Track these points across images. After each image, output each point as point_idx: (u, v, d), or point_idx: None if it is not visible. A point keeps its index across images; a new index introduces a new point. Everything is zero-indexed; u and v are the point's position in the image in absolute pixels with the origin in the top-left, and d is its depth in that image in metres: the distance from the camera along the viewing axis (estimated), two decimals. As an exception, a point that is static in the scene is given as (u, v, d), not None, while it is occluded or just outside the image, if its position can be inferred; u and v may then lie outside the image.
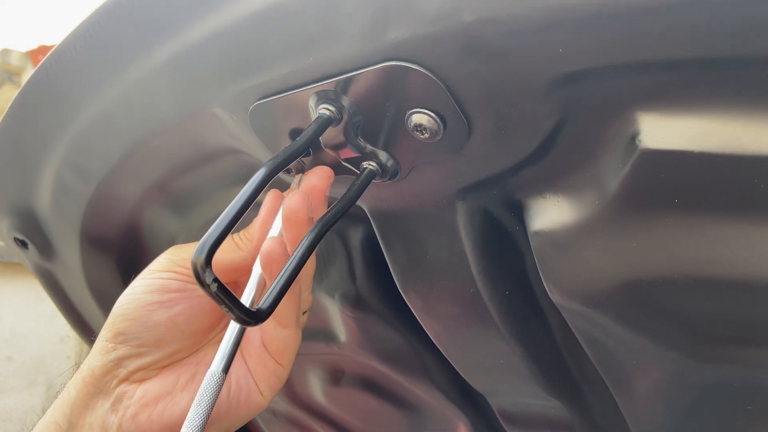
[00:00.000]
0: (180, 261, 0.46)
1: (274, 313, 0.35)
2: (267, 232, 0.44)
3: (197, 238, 0.64)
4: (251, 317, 0.32)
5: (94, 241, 0.67)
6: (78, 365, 0.48)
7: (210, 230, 0.31)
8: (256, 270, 0.43)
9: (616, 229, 0.38)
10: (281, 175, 0.49)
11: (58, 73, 0.50)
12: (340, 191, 0.47)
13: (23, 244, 0.73)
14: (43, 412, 0.47)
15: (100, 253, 0.69)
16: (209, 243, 0.31)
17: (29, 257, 0.75)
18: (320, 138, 0.40)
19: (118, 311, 0.45)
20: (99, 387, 0.45)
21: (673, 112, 0.32)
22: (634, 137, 0.34)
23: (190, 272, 0.45)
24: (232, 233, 0.47)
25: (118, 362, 0.45)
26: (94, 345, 0.47)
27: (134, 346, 0.45)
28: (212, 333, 0.49)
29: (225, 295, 0.31)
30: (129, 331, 0.45)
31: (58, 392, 0.48)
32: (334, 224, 0.39)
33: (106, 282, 0.73)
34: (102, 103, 0.50)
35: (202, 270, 0.30)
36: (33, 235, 0.70)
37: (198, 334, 0.47)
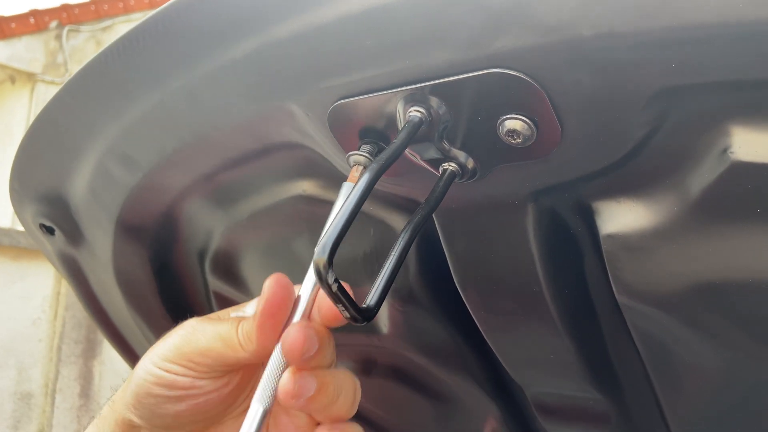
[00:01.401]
0: (188, 355, 0.44)
1: None
2: (267, 335, 0.41)
3: (238, 231, 0.65)
4: (362, 315, 0.33)
5: (129, 229, 0.66)
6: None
7: (328, 233, 0.32)
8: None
9: (694, 235, 0.40)
10: (339, 164, 0.49)
11: (118, 63, 0.49)
12: (412, 190, 0.48)
13: (49, 230, 0.72)
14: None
15: (133, 242, 0.68)
16: (329, 244, 0.31)
17: (53, 243, 0.74)
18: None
19: (134, 389, 0.45)
20: None
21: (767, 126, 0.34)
22: (726, 149, 0.35)
23: (199, 368, 0.44)
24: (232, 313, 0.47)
25: (139, 427, 0.47)
26: (123, 389, 0.48)
27: (148, 425, 0.46)
28: (226, 417, 0.49)
29: (343, 295, 0.32)
30: (142, 411, 0.46)
31: (92, 417, 0.51)
32: (423, 227, 0.40)
33: (134, 272, 0.72)
34: (163, 95, 0.49)
35: (325, 270, 0.31)
36: (62, 221, 0.69)
37: (205, 422, 0.47)
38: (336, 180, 0.53)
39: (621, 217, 0.42)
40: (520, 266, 0.47)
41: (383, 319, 0.62)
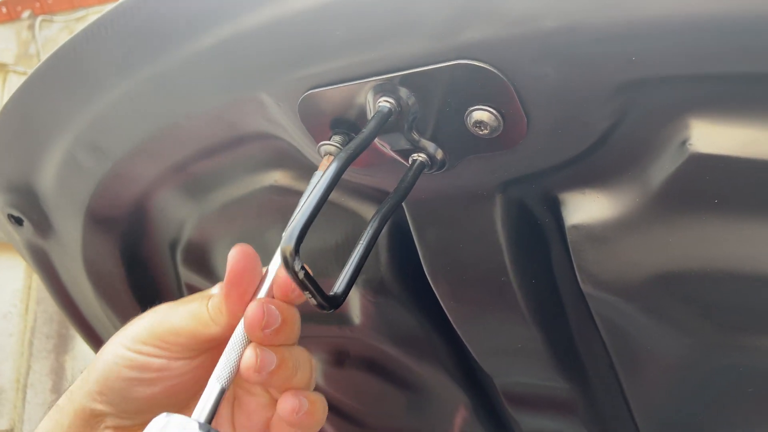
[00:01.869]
0: (162, 335, 0.44)
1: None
2: (235, 305, 0.41)
3: (210, 222, 0.65)
4: (329, 302, 0.34)
5: (98, 220, 0.66)
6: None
7: (295, 221, 0.32)
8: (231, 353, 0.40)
9: (654, 225, 0.41)
10: (311, 155, 0.50)
11: (87, 51, 0.49)
12: (383, 180, 0.48)
13: (17, 221, 0.71)
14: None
15: (103, 233, 0.67)
16: (297, 231, 0.32)
17: (21, 234, 0.73)
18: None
19: (100, 375, 0.45)
20: (90, 423, 0.47)
21: (724, 119, 0.35)
22: (684, 141, 0.36)
23: (173, 348, 0.43)
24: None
25: (103, 415, 0.46)
26: (83, 379, 0.47)
27: (115, 411, 0.46)
28: (194, 402, 0.48)
29: (310, 283, 0.32)
30: (110, 397, 0.45)
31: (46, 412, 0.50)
32: (391, 216, 0.40)
33: (104, 263, 0.71)
34: (133, 83, 0.49)
35: (291, 258, 0.31)
36: (30, 212, 0.68)
37: (179, 405, 0.47)
38: (308, 171, 0.53)
39: (586, 208, 0.43)
40: (489, 256, 0.48)
41: (355, 310, 0.62)
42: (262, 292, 0.41)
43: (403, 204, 0.50)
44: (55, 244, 0.72)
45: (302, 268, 0.32)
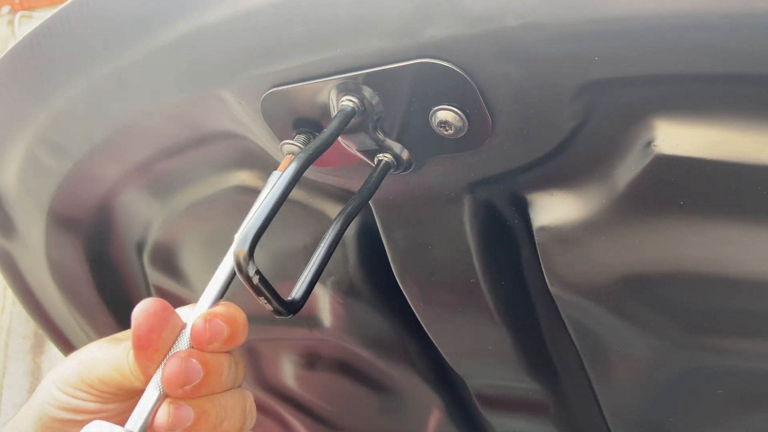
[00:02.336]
0: (91, 383, 0.41)
1: None
2: (148, 366, 0.38)
3: (177, 223, 0.63)
4: (286, 308, 0.33)
5: (62, 221, 0.64)
6: None
7: (250, 223, 0.31)
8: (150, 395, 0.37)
9: (621, 227, 0.40)
10: (277, 155, 0.49)
11: (46, 46, 0.47)
12: (350, 181, 0.47)
13: (-21, 222, 0.69)
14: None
15: (67, 234, 0.66)
16: (251, 235, 0.30)
17: (-16, 235, 0.71)
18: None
19: (37, 414, 0.43)
20: None
21: (688, 121, 0.34)
22: (649, 142, 0.36)
23: (104, 395, 0.41)
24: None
25: None
26: (24, 414, 0.45)
27: None
28: None
29: (265, 287, 0.31)
30: None
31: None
32: (355, 217, 0.39)
33: (69, 264, 0.70)
34: (92, 80, 0.48)
35: (245, 262, 0.30)
36: (-9, 212, 0.66)
37: None
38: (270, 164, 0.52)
39: (553, 209, 0.43)
40: (457, 258, 0.47)
41: (325, 312, 0.61)
42: (183, 341, 0.37)
43: (371, 205, 0.49)
44: (19, 245, 0.71)
45: (257, 272, 0.31)
